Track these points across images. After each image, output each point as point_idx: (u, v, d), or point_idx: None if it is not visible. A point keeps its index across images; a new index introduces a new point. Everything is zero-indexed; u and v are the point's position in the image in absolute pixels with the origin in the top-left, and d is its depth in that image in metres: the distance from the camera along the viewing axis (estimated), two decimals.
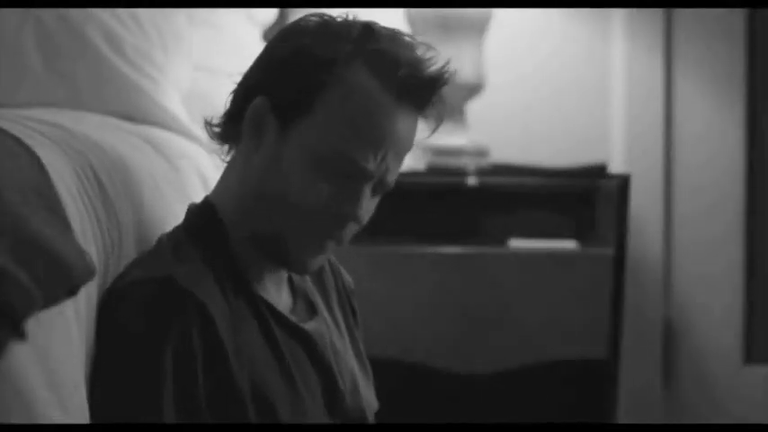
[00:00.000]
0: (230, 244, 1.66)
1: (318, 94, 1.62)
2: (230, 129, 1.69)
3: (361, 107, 1.61)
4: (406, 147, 1.66)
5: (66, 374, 1.39)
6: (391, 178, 1.66)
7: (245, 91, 1.68)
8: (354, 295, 1.89)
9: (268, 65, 1.67)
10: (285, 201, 1.63)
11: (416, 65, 1.63)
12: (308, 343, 1.70)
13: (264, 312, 1.66)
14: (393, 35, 1.65)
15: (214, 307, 1.58)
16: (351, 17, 1.67)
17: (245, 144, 1.67)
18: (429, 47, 1.66)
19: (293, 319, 1.70)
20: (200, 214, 1.69)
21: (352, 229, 1.68)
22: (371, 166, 1.62)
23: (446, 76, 1.65)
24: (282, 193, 1.63)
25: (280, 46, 1.68)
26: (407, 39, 1.66)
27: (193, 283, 1.58)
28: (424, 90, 1.64)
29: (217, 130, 1.71)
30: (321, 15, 1.68)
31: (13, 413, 1.29)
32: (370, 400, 1.80)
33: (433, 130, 1.70)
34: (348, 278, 1.89)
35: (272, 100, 1.64)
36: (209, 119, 1.72)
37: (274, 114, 1.64)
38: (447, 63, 1.65)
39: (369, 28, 1.65)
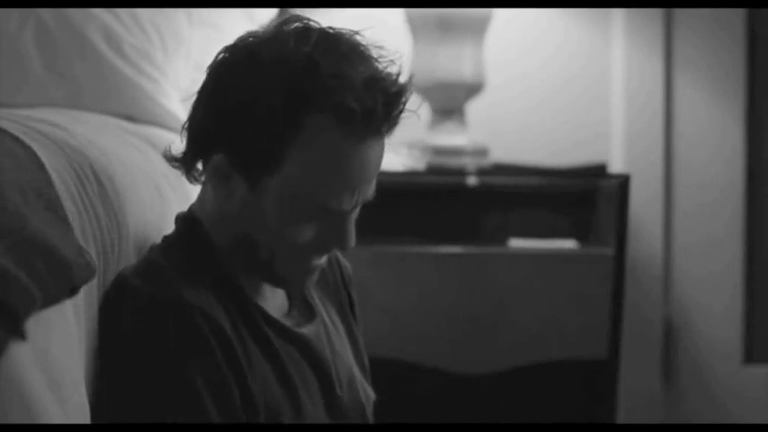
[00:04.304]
0: (219, 254, 1.66)
1: (282, 151, 1.58)
2: (191, 168, 1.66)
3: (329, 159, 1.58)
4: (377, 169, 1.64)
5: (66, 374, 1.39)
6: (368, 196, 1.64)
7: (202, 139, 1.62)
8: (353, 283, 1.88)
9: (222, 114, 1.60)
10: (269, 240, 1.63)
11: (374, 94, 1.56)
12: (305, 347, 1.70)
13: (260, 320, 1.66)
14: (346, 57, 1.57)
15: (224, 322, 1.59)
16: (293, 38, 1.58)
17: (213, 191, 1.65)
18: (384, 49, 1.60)
19: (289, 323, 1.71)
20: (186, 225, 1.69)
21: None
22: (349, 205, 1.62)
23: (404, 93, 1.59)
24: (265, 236, 1.63)
25: (229, 89, 1.61)
26: (362, 50, 1.59)
27: (202, 301, 1.58)
28: (386, 117, 1.59)
29: (176, 163, 1.67)
30: (258, 39, 1.61)
31: (13, 413, 1.29)
32: (367, 391, 1.80)
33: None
34: (346, 264, 1.88)
35: (233, 158, 1.59)
36: (167, 150, 1.67)
37: (238, 172, 1.60)
38: (399, 73, 1.59)
39: (319, 55, 1.56)
